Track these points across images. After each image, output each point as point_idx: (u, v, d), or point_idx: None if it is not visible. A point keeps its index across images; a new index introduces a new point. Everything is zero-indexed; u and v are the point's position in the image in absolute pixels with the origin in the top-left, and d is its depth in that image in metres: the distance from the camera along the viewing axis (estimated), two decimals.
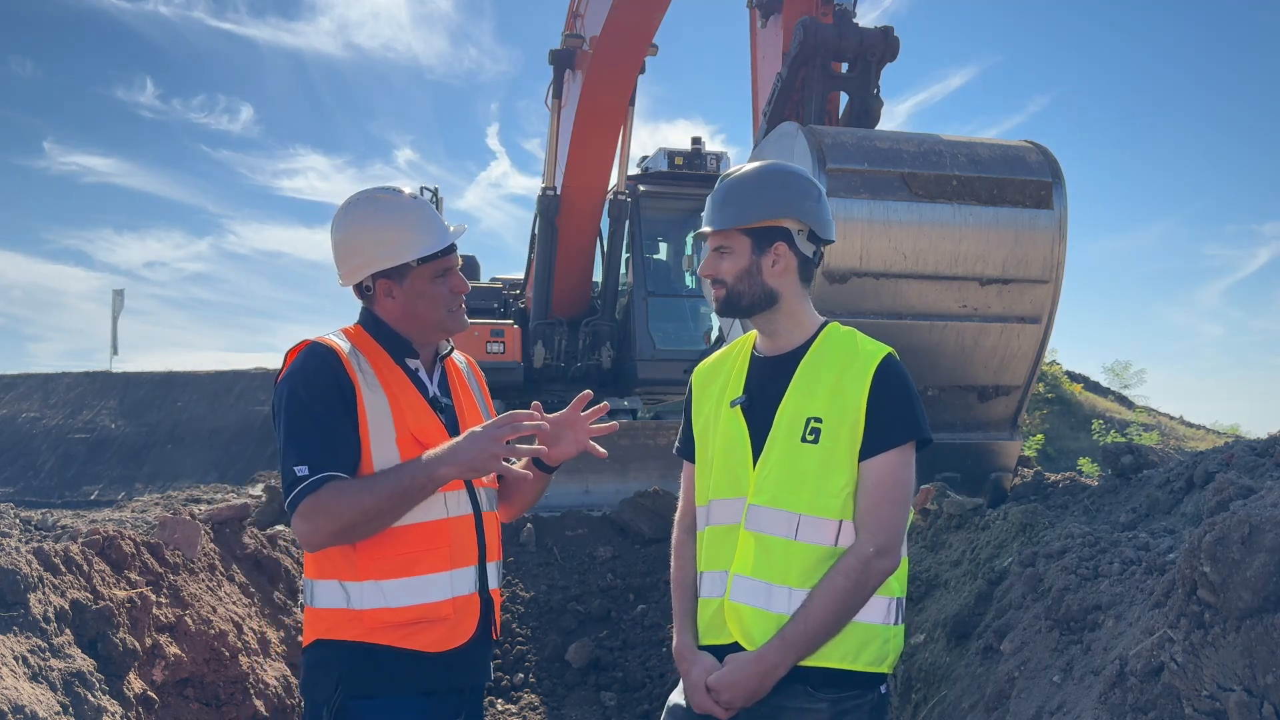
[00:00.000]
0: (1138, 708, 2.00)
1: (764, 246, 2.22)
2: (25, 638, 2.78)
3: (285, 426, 2.15)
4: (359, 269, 2.29)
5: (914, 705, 3.43)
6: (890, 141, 4.46)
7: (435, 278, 2.29)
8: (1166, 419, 26.76)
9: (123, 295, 31.24)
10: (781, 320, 2.26)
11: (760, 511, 2.16)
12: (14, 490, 21.82)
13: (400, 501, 2.11)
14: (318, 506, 2.07)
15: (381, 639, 2.17)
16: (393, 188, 2.37)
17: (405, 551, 2.18)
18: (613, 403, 10.56)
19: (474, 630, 2.26)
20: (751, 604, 2.14)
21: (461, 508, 2.28)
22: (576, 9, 9.08)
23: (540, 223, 10.13)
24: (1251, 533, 1.86)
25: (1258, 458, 3.29)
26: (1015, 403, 4.72)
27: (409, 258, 2.25)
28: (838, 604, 2.07)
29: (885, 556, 2.09)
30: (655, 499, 6.99)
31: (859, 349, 2.20)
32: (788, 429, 2.16)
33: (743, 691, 2.09)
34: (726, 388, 2.32)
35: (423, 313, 2.30)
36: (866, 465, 2.11)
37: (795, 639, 2.07)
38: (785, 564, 2.12)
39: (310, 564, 2.26)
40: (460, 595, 2.24)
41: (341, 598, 2.19)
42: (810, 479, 2.12)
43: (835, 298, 4.21)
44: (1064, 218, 4.46)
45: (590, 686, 5.32)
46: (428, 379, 2.36)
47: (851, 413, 2.12)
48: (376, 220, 2.28)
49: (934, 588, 3.92)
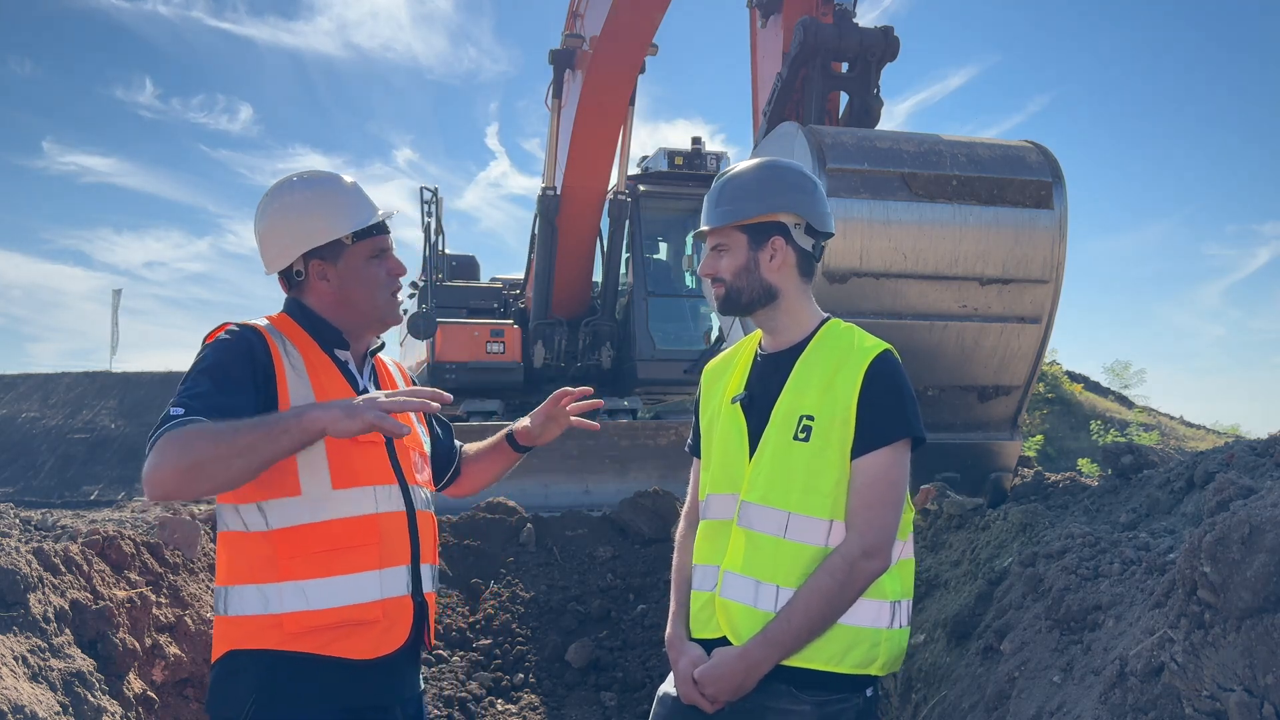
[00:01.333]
0: (1138, 708, 2.00)
1: (761, 242, 2.22)
2: (25, 638, 2.78)
3: (182, 380, 1.97)
4: (288, 250, 2.17)
5: (914, 705, 3.43)
6: (890, 141, 4.46)
7: (371, 257, 2.20)
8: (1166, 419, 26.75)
9: (121, 295, 31.29)
10: (782, 316, 2.26)
11: (751, 508, 2.16)
12: (14, 490, 21.77)
13: (260, 440, 1.83)
14: (171, 441, 1.82)
15: (303, 646, 2.01)
16: (318, 170, 2.28)
17: (330, 548, 2.04)
18: (613, 403, 10.56)
19: (407, 636, 2.13)
20: (739, 600, 2.14)
21: (392, 503, 2.15)
22: (576, 9, 9.08)
23: (540, 223, 10.14)
24: (1251, 533, 1.86)
25: (1258, 458, 3.29)
26: (1015, 403, 4.72)
27: (342, 232, 2.15)
28: (823, 604, 2.05)
29: (873, 558, 2.06)
30: (655, 499, 6.98)
31: (855, 345, 2.18)
32: (781, 426, 2.16)
33: (726, 686, 2.09)
34: (730, 384, 2.33)
35: (359, 296, 2.19)
36: (858, 464, 2.10)
37: (779, 637, 2.06)
38: (774, 562, 2.12)
39: (223, 568, 2.10)
40: (392, 597, 2.10)
41: (259, 602, 2.02)
42: (800, 477, 2.11)
43: (835, 298, 4.21)
44: (1064, 218, 4.46)
45: (590, 686, 5.32)
46: (358, 372, 2.24)
47: (842, 410, 2.10)
48: (304, 198, 2.18)
49: (934, 588, 3.92)
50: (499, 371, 10.43)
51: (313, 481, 2.06)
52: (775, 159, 2.38)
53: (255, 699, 2.01)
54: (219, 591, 2.12)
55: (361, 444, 2.10)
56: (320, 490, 2.06)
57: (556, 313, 10.49)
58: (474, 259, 13.76)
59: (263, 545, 2.04)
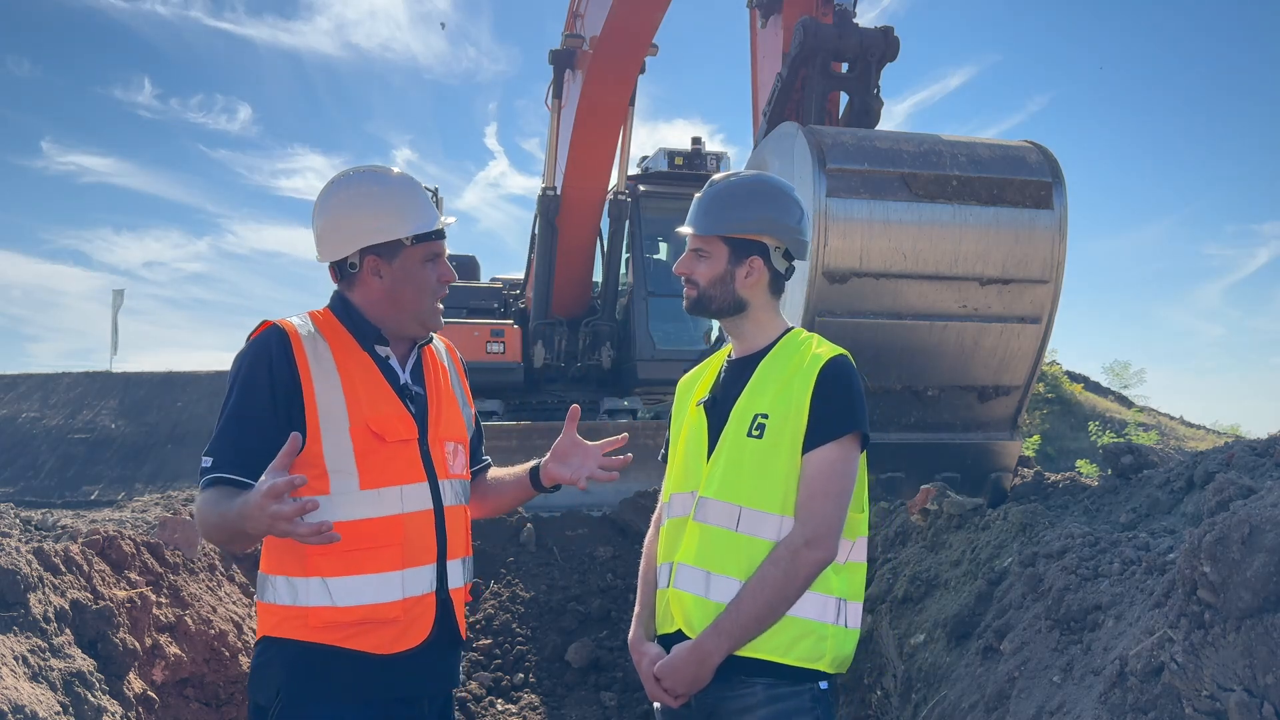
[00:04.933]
0: (1138, 708, 2.00)
1: (740, 258, 2.28)
2: (25, 638, 2.78)
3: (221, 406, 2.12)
4: (347, 242, 2.19)
5: (914, 705, 3.43)
6: (890, 141, 4.46)
7: (426, 260, 2.23)
8: (1166, 419, 26.76)
9: (122, 295, 31.29)
10: (748, 325, 2.34)
11: (708, 504, 2.22)
12: (14, 490, 21.78)
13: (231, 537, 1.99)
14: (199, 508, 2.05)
15: (326, 639, 2.08)
16: (382, 167, 2.30)
17: (354, 548, 2.08)
18: (612, 403, 10.57)
19: (428, 633, 2.16)
20: (691, 591, 2.20)
21: (420, 503, 2.18)
22: (576, 9, 9.08)
23: (540, 223, 10.14)
24: (1251, 533, 1.86)
25: (1258, 458, 3.29)
26: (1015, 403, 4.72)
27: (404, 233, 2.18)
28: (769, 593, 2.10)
29: (816, 548, 2.11)
30: (655, 499, 6.98)
31: (811, 350, 2.25)
32: (736, 425, 2.23)
33: (683, 678, 2.15)
34: (699, 391, 2.40)
35: (408, 297, 2.22)
36: (808, 457, 2.16)
37: (728, 627, 2.11)
38: (725, 554, 2.17)
39: (264, 557, 2.19)
40: (413, 596, 2.14)
41: (289, 594, 2.10)
42: (751, 471, 2.18)
43: (835, 298, 4.21)
44: (1064, 218, 4.46)
45: (590, 686, 5.32)
46: (399, 366, 2.26)
47: (796, 407, 2.17)
48: (372, 194, 2.21)
49: (934, 588, 3.92)
50: (499, 372, 10.43)
51: (341, 482, 2.10)
52: (772, 176, 2.42)
53: (283, 688, 2.09)
54: (259, 578, 2.20)
55: (392, 443, 2.16)
56: (348, 490, 2.11)
57: (556, 313, 10.49)
58: (474, 259, 13.78)
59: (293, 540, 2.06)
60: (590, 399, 10.83)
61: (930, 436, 4.60)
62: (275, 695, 2.10)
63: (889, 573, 4.02)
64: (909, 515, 4.33)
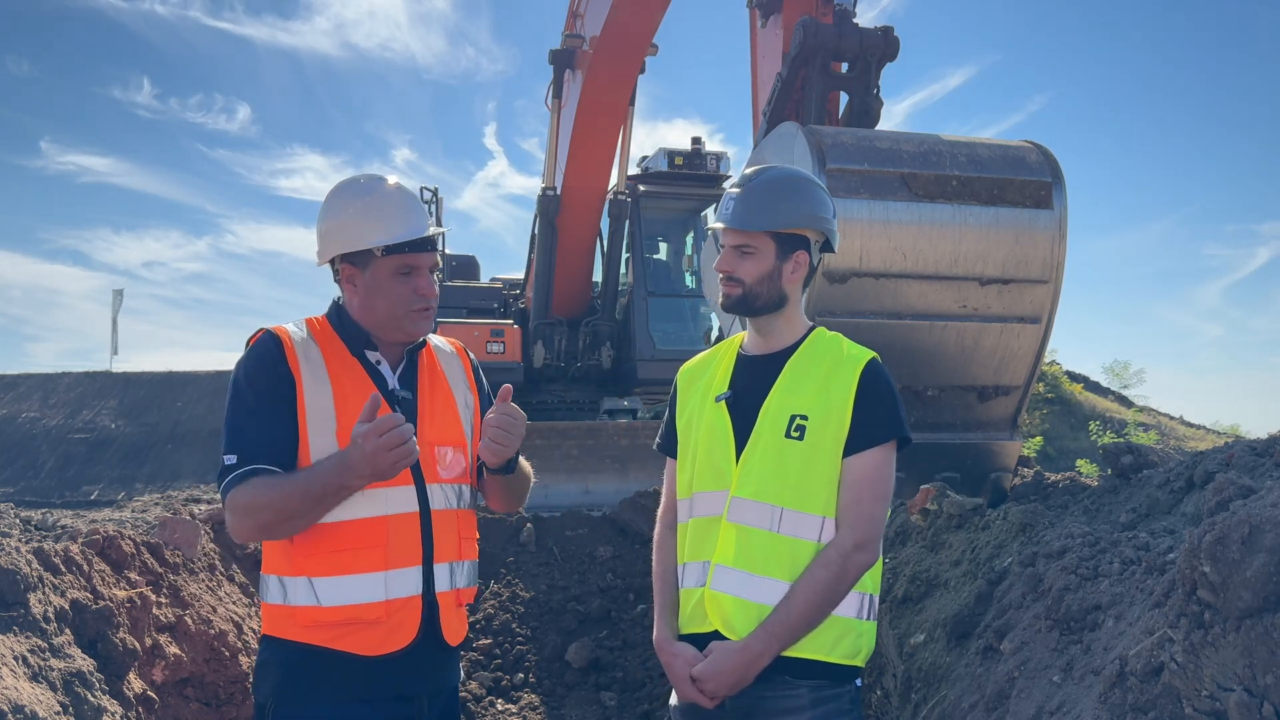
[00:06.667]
0: (1138, 708, 2.00)
1: (787, 253, 2.27)
2: (25, 638, 2.78)
3: (226, 414, 2.15)
4: (326, 248, 2.25)
5: (914, 705, 3.43)
6: (890, 141, 4.46)
7: (398, 273, 2.21)
8: (1166, 419, 26.77)
9: (122, 295, 31.30)
10: (780, 322, 2.32)
11: (743, 504, 2.20)
12: (14, 490, 21.80)
13: (315, 504, 2.05)
14: (240, 502, 2.05)
15: (314, 639, 2.11)
16: (378, 175, 2.31)
17: (338, 548, 2.11)
18: (612, 403, 10.58)
19: (414, 635, 2.17)
20: (732, 593, 2.19)
21: (404, 505, 2.19)
22: (576, 9, 9.08)
23: (540, 223, 10.14)
24: (1251, 533, 1.86)
25: (1258, 458, 3.29)
26: (1015, 403, 4.72)
27: (369, 244, 2.18)
28: (820, 596, 2.12)
29: (864, 550, 2.15)
30: (655, 499, 6.98)
31: (846, 352, 2.26)
32: (772, 425, 2.22)
33: (727, 681, 2.13)
34: (712, 384, 2.37)
35: (380, 307, 2.22)
36: (849, 461, 2.17)
37: (778, 629, 2.12)
38: (766, 556, 2.17)
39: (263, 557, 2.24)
40: (396, 598, 2.15)
41: (279, 593, 2.14)
42: (794, 474, 2.17)
43: (835, 298, 4.21)
44: (1064, 218, 4.46)
45: (590, 686, 5.32)
46: (389, 371, 2.27)
47: (838, 411, 2.18)
48: (351, 202, 2.23)
49: (934, 588, 3.92)
50: (499, 372, 10.42)
51: None
52: (804, 171, 2.43)
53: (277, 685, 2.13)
54: (260, 578, 2.25)
55: None
56: None
57: (556, 313, 10.50)
58: (474, 259, 13.78)
59: (282, 540, 2.14)
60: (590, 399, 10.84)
61: (930, 436, 4.59)
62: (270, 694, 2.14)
63: (889, 572, 4.02)
64: (909, 515, 4.33)
